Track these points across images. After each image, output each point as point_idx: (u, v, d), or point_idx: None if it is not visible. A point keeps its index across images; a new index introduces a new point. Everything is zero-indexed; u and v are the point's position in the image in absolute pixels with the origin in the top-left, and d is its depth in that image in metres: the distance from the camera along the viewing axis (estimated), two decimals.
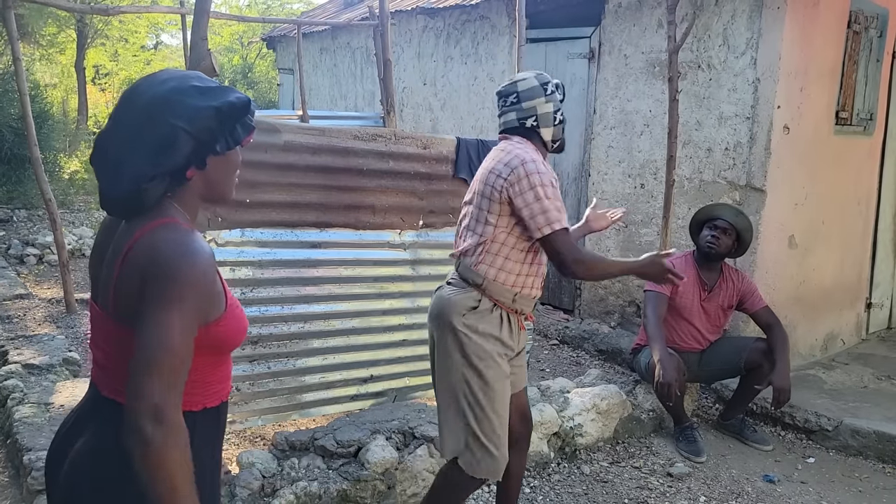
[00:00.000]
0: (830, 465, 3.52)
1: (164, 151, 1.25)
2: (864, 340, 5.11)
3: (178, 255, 1.22)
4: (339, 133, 3.22)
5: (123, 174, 1.25)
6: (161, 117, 1.26)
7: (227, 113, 1.30)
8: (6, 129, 7.72)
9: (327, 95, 8.93)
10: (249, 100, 1.35)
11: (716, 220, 3.57)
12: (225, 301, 1.33)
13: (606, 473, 3.30)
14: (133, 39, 15.23)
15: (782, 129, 4.14)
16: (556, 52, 5.41)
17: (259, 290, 3.05)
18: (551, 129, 2.32)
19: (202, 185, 1.34)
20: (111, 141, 1.28)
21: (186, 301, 1.21)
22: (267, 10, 17.14)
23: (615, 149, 5.00)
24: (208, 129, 1.28)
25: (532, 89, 2.31)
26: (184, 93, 1.28)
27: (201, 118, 1.27)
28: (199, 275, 1.23)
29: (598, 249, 5.17)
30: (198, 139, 1.28)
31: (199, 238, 1.28)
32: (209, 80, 1.34)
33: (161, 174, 1.26)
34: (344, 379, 3.32)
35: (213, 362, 1.36)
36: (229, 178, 1.39)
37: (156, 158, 1.25)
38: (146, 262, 1.22)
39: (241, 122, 1.34)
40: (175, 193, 1.32)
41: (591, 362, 4.74)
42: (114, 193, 1.27)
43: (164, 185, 1.28)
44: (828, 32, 4.28)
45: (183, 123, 1.25)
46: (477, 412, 2.20)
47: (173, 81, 1.30)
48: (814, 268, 4.55)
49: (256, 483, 2.67)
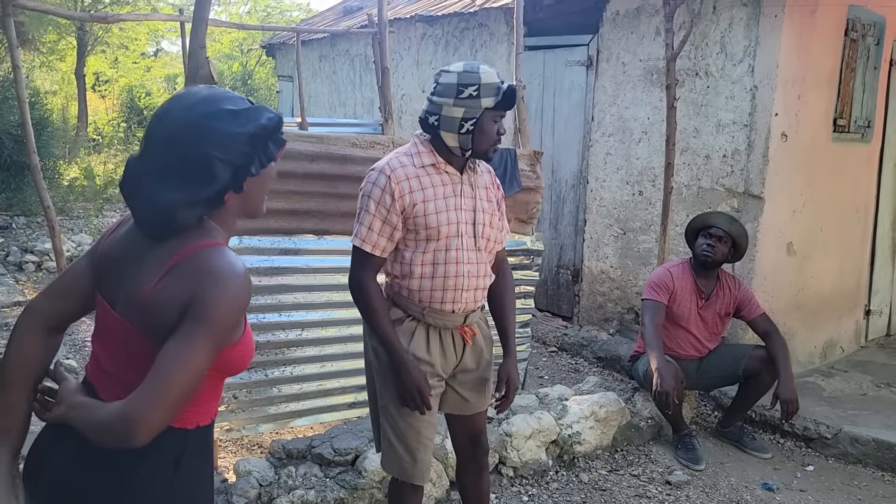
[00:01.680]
0: (830, 473, 3.51)
1: (199, 181, 1.24)
2: (863, 348, 5.10)
3: (225, 282, 1.22)
4: (337, 140, 3.22)
5: (159, 204, 1.24)
6: (195, 147, 1.24)
7: (260, 136, 1.30)
8: (6, 136, 7.73)
9: (326, 103, 8.94)
10: (280, 118, 1.33)
11: (710, 229, 3.57)
12: (245, 324, 1.33)
13: (605, 481, 3.29)
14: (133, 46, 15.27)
15: (780, 136, 4.14)
16: (555, 60, 5.43)
17: (256, 297, 3.04)
18: (455, 137, 2.06)
19: (239, 205, 1.35)
20: (144, 169, 1.26)
21: (222, 328, 1.22)
22: (266, 18, 17.21)
23: (613, 156, 5.01)
24: (244, 154, 1.28)
25: (447, 86, 2.04)
26: (217, 118, 1.26)
27: (236, 145, 1.26)
28: (238, 303, 1.24)
29: (597, 257, 5.17)
30: (234, 165, 1.27)
31: (242, 264, 1.28)
32: (241, 101, 1.32)
33: (198, 202, 1.26)
34: (342, 386, 3.31)
35: (215, 383, 1.37)
36: (264, 193, 1.39)
37: (192, 188, 1.24)
38: (193, 283, 1.21)
39: (273, 140, 1.33)
40: (213, 213, 1.31)
41: (589, 369, 4.73)
42: (149, 221, 1.26)
43: (200, 211, 1.27)
44: (825, 40, 4.29)
45: (217, 153, 1.25)
46: (387, 415, 2.19)
47: (204, 106, 1.27)
48: (812, 275, 4.55)
49: (253, 491, 2.66)
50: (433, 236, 2.10)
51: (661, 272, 3.69)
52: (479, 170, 2.22)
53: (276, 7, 18.56)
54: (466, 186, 2.16)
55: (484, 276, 2.20)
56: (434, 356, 2.16)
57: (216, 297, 1.21)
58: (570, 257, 5.47)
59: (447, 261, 2.11)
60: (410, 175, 2.10)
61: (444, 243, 2.11)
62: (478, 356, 2.27)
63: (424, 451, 2.19)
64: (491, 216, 2.21)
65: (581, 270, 5.35)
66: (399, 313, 2.18)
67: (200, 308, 1.20)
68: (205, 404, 1.36)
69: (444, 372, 2.20)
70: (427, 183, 2.10)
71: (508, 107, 2.07)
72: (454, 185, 2.14)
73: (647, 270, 4.80)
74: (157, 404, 1.16)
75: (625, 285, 5.00)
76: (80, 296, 1.39)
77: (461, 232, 2.13)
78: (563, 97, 5.41)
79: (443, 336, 2.18)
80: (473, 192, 2.17)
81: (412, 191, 2.08)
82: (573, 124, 5.34)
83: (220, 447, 3.25)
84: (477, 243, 2.17)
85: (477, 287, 2.17)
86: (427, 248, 2.11)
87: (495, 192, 2.29)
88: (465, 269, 2.13)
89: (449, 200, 2.12)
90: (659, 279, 3.64)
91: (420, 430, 2.16)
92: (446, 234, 2.11)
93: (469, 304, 2.17)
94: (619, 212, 4.99)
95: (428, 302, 2.14)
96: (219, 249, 1.27)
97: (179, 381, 1.17)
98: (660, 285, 3.60)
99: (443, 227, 2.10)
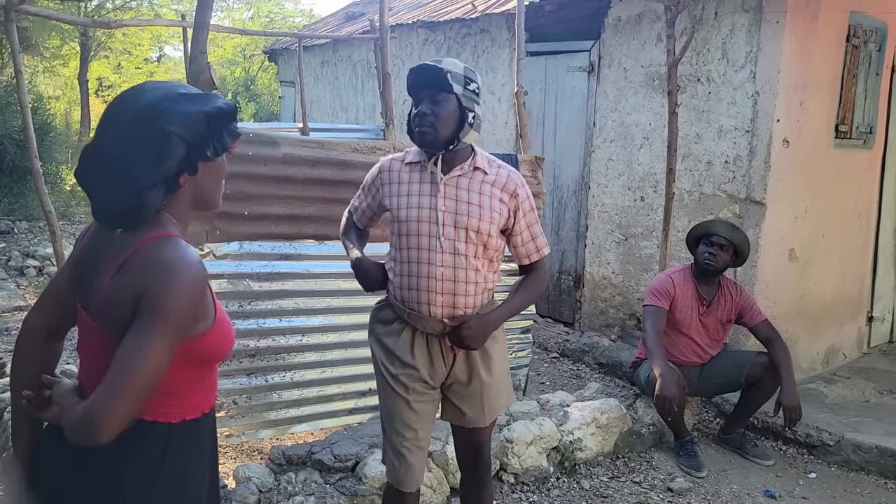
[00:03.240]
0: (832, 481, 3.49)
1: (160, 157, 1.27)
2: (866, 354, 5.08)
3: (176, 273, 1.23)
4: (338, 146, 3.23)
5: (123, 185, 1.26)
6: (153, 124, 1.27)
7: (216, 118, 1.32)
8: (8, 140, 7.75)
9: (328, 108, 8.96)
10: (235, 106, 1.37)
11: (712, 237, 3.56)
12: (214, 314, 1.34)
13: (606, 488, 3.27)
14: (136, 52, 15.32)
15: (782, 142, 4.14)
16: (556, 66, 5.43)
17: (257, 302, 3.04)
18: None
19: (193, 193, 1.36)
20: (102, 154, 1.29)
21: (176, 320, 1.22)
22: (269, 24, 17.25)
23: (615, 161, 5.01)
24: (199, 133, 1.30)
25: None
26: (173, 100, 1.30)
27: (192, 122, 1.29)
28: (192, 293, 1.24)
29: (598, 263, 5.16)
30: (190, 143, 1.30)
31: (194, 253, 1.29)
32: (193, 89, 1.37)
33: (158, 181, 1.27)
34: (342, 392, 3.31)
35: (196, 375, 1.37)
36: (218, 185, 1.41)
37: (153, 165, 1.27)
38: (145, 276, 1.23)
39: (227, 129, 1.36)
40: (168, 204, 1.33)
41: (591, 375, 4.72)
42: (113, 205, 1.27)
43: (161, 194, 1.29)
44: (827, 46, 4.29)
45: (175, 128, 1.27)
46: (382, 412, 2.21)
47: (160, 90, 1.32)
48: (814, 281, 4.53)
49: (253, 498, 2.65)
50: (403, 231, 2.11)
51: (662, 278, 3.68)
52: (475, 173, 2.12)
53: (278, 13, 18.62)
54: (451, 188, 2.10)
55: (467, 282, 2.09)
56: (418, 361, 2.13)
57: (168, 290, 1.22)
58: (571, 263, 5.47)
59: (419, 260, 2.10)
60: (395, 168, 2.20)
61: (416, 241, 2.09)
62: (470, 370, 2.17)
63: (411, 455, 2.15)
64: (479, 221, 2.08)
65: (583, 276, 5.34)
66: (391, 314, 2.19)
67: (153, 301, 1.21)
68: (190, 397, 1.37)
69: (431, 379, 2.15)
70: (406, 178, 2.16)
71: (408, 89, 2.11)
72: (434, 184, 2.11)
73: (648, 276, 4.79)
74: (116, 401, 1.17)
75: (626, 291, 4.99)
76: (66, 304, 1.42)
77: (436, 232, 2.07)
78: (564, 103, 5.41)
79: (430, 342, 2.14)
80: (457, 194, 2.09)
81: (391, 182, 2.18)
82: (575, 130, 5.34)
83: (220, 453, 3.25)
84: (457, 247, 2.08)
85: (455, 293, 2.09)
86: (402, 244, 2.13)
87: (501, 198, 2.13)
88: (439, 272, 2.08)
89: (424, 198, 2.10)
90: (660, 285, 3.63)
91: (405, 434, 2.14)
92: (416, 231, 2.09)
93: (447, 311, 2.09)
94: (621, 217, 4.99)
95: (407, 301, 2.12)
96: (170, 240, 1.28)
97: (137, 376, 1.18)
98: (661, 291, 3.59)
99: (412, 222, 2.09)
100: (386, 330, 2.19)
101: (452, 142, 2.07)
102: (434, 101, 2.04)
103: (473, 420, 2.22)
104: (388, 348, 2.17)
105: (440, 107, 2.04)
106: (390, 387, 2.15)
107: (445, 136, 2.05)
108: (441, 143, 2.06)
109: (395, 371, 2.14)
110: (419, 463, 2.19)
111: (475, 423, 2.23)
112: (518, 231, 2.18)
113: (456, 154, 2.11)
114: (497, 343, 2.24)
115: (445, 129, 2.05)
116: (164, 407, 1.30)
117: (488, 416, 2.23)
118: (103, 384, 1.19)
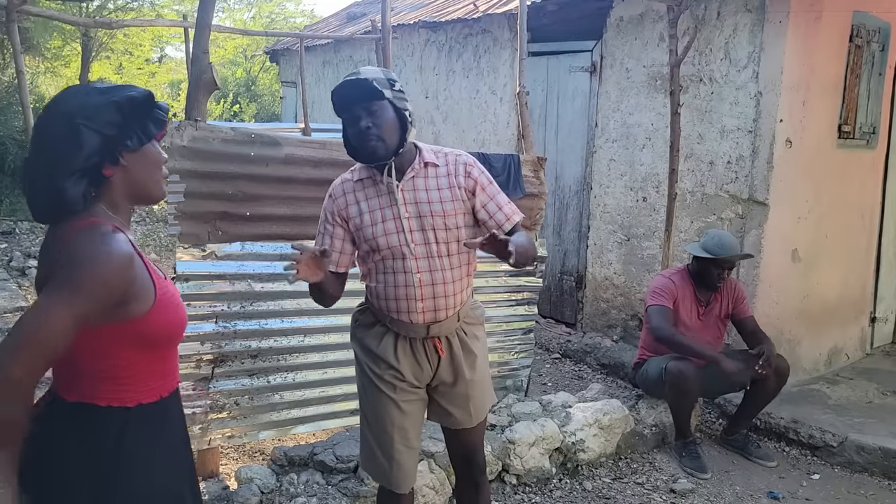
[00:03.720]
0: (836, 482, 3.48)
1: (70, 150, 1.31)
2: (869, 355, 5.07)
3: (83, 254, 1.27)
4: (339, 146, 3.18)
5: (42, 182, 1.31)
6: (64, 119, 1.32)
7: (128, 106, 1.35)
8: (10, 141, 7.76)
9: (330, 108, 8.86)
10: (150, 93, 1.39)
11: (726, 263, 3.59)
12: (154, 296, 1.36)
13: (609, 489, 3.26)
14: (137, 52, 15.29)
15: (785, 142, 4.13)
16: (558, 66, 5.42)
17: (258, 303, 3.03)
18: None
19: (125, 184, 1.39)
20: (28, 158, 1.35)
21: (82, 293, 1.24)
22: (270, 24, 17.24)
23: (617, 162, 5.00)
24: (111, 123, 1.33)
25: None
26: (84, 94, 1.35)
27: (101, 113, 1.32)
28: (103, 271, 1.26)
29: (600, 263, 5.16)
30: (103, 134, 1.32)
31: (113, 239, 1.31)
32: (111, 83, 1.40)
33: (74, 173, 1.31)
34: (344, 393, 3.30)
35: (146, 358, 1.39)
36: (152, 174, 1.42)
37: (65, 158, 1.31)
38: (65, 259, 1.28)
39: (151, 118, 1.39)
40: (102, 195, 1.36)
41: (593, 376, 4.71)
42: (38, 202, 1.33)
43: (82, 185, 1.32)
44: (830, 46, 4.28)
45: (82, 120, 1.31)
46: (367, 415, 2.18)
47: (74, 89, 1.38)
48: (817, 282, 4.52)
49: (255, 499, 2.64)
50: (374, 247, 2.08)
51: (661, 280, 3.70)
52: (427, 169, 2.11)
53: (279, 13, 18.61)
54: (408, 193, 2.07)
55: (445, 283, 2.08)
56: (402, 363, 2.11)
57: (73, 264, 1.26)
58: (573, 263, 5.46)
59: (395, 270, 2.07)
60: (347, 190, 2.13)
61: (390, 252, 2.07)
62: (455, 371, 2.16)
63: (401, 456, 2.14)
64: (444, 218, 2.06)
65: (584, 277, 5.33)
66: (371, 318, 2.18)
67: (57, 273, 1.26)
68: (145, 381, 1.40)
69: (416, 380, 2.14)
70: (362, 196, 2.10)
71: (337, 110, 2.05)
72: (391, 194, 2.07)
73: (650, 277, 4.78)
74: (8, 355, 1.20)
75: (628, 292, 4.98)
76: None
77: (405, 241, 2.05)
78: (566, 103, 5.40)
79: (413, 344, 2.12)
80: (415, 197, 2.07)
81: (348, 205, 2.11)
82: (577, 130, 5.33)
83: (222, 454, 3.24)
84: (430, 249, 2.06)
85: (436, 296, 2.06)
86: (374, 258, 2.10)
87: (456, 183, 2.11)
88: (416, 279, 2.05)
89: (385, 211, 2.07)
90: (661, 285, 3.64)
91: (394, 435, 2.13)
92: (386, 245, 2.06)
93: (428, 315, 2.08)
94: (623, 218, 4.98)
95: (388, 311, 2.10)
96: (90, 227, 1.31)
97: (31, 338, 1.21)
98: (664, 290, 3.61)
99: (380, 238, 2.05)
100: (368, 333, 2.17)
101: (401, 146, 2.05)
102: (371, 112, 1.99)
103: (460, 420, 2.21)
104: (371, 351, 2.15)
105: (379, 117, 2.00)
106: (377, 387, 2.13)
107: (393, 143, 2.03)
108: (392, 151, 2.03)
109: (380, 372, 2.13)
110: (411, 463, 2.18)
111: (462, 423, 2.22)
112: (481, 205, 2.14)
113: (403, 157, 2.08)
114: (480, 342, 2.24)
115: (392, 137, 2.02)
116: (117, 391, 1.34)
117: (475, 416, 2.22)
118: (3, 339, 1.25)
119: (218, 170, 2.84)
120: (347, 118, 2.04)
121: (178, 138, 2.73)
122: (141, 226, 8.85)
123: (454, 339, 2.16)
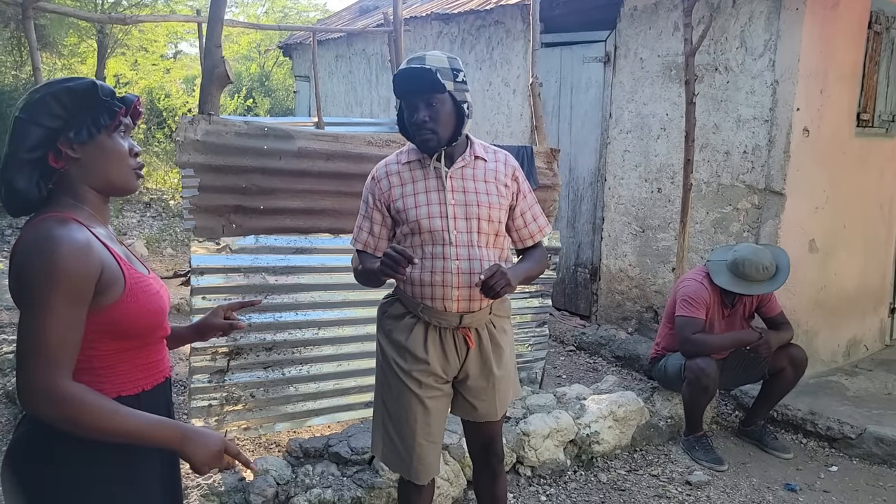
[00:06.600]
0: (854, 474, 3.44)
1: (13, 144, 1.33)
2: (888, 346, 5.01)
3: (39, 250, 1.26)
4: (352, 139, 3.22)
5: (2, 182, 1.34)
6: (11, 117, 1.35)
7: (66, 97, 1.34)
8: None
9: (343, 102, 8.96)
10: (92, 82, 1.36)
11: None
12: (123, 284, 1.35)
13: (624, 481, 3.26)
14: (152, 48, 15.38)
15: (802, 131, 4.08)
16: (572, 56, 5.39)
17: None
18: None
19: (83, 174, 1.38)
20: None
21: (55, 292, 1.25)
22: (283, 19, 17.28)
23: (631, 153, 4.96)
24: (53, 115, 1.33)
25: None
26: (32, 91, 1.35)
27: (40, 106, 1.32)
28: (62, 265, 1.26)
29: (615, 255, 5.13)
30: (45, 126, 1.33)
31: (66, 229, 1.29)
32: (74, 78, 1.39)
33: (22, 166, 1.32)
34: (358, 385, 3.31)
35: (122, 348, 1.39)
36: (111, 164, 1.40)
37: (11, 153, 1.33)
38: (18, 258, 1.29)
39: (102, 108, 1.37)
40: (65, 187, 1.36)
41: (608, 368, 4.69)
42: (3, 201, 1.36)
43: (34, 178, 1.33)
44: (848, 33, 4.21)
45: (23, 114, 1.33)
46: (389, 408, 2.18)
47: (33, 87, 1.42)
48: (835, 272, 4.47)
49: (270, 490, 2.66)
50: (415, 230, 2.08)
51: (697, 287, 3.49)
52: (476, 162, 2.13)
53: (292, 7, 18.63)
54: (456, 181, 2.09)
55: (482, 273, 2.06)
56: (431, 356, 2.11)
57: (31, 263, 1.26)
58: (587, 255, 5.43)
59: (433, 255, 2.07)
60: (392, 172, 2.14)
61: (430, 237, 2.07)
62: (483, 364, 2.17)
63: (423, 450, 2.14)
64: (489, 209, 2.09)
65: (599, 269, 5.31)
66: (401, 309, 2.17)
67: (24, 277, 1.26)
68: (124, 373, 1.39)
69: (444, 373, 2.14)
70: (408, 178, 2.12)
71: (396, 93, 2.02)
72: (439, 179, 2.09)
73: (665, 268, 4.75)
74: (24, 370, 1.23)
75: (643, 283, 4.95)
76: None
77: (448, 227, 2.06)
78: (580, 94, 5.37)
79: (443, 336, 2.12)
80: (463, 186, 2.10)
81: (392, 187, 2.12)
82: (590, 121, 5.30)
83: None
84: (471, 238, 2.08)
85: (472, 285, 2.06)
86: (414, 242, 2.10)
87: (504, 183, 2.15)
88: (454, 266, 2.06)
89: (432, 195, 2.08)
90: (697, 294, 3.47)
91: (417, 430, 2.13)
92: (429, 228, 2.07)
93: (462, 304, 2.08)
94: (638, 209, 4.94)
95: (421, 298, 2.10)
96: (46, 220, 1.31)
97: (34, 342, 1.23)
98: (699, 301, 3.46)
99: (423, 220, 2.06)
100: (396, 325, 2.16)
101: (455, 138, 2.06)
102: (429, 105, 2.00)
103: (486, 414, 2.21)
104: (399, 343, 2.15)
105: (437, 111, 2.00)
106: (403, 383, 2.13)
107: (447, 135, 2.05)
108: (444, 143, 2.05)
109: (407, 367, 2.12)
110: (433, 456, 2.18)
111: (487, 416, 2.22)
112: (521, 212, 2.20)
113: (456, 146, 2.11)
114: (507, 336, 2.24)
115: (446, 130, 2.04)
116: (96, 383, 1.32)
117: (500, 409, 2.23)
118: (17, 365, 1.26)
119: (231, 163, 2.85)
120: (406, 103, 2.05)
121: (192, 132, 2.74)
122: (157, 221, 8.92)
123: (483, 331, 2.17)
